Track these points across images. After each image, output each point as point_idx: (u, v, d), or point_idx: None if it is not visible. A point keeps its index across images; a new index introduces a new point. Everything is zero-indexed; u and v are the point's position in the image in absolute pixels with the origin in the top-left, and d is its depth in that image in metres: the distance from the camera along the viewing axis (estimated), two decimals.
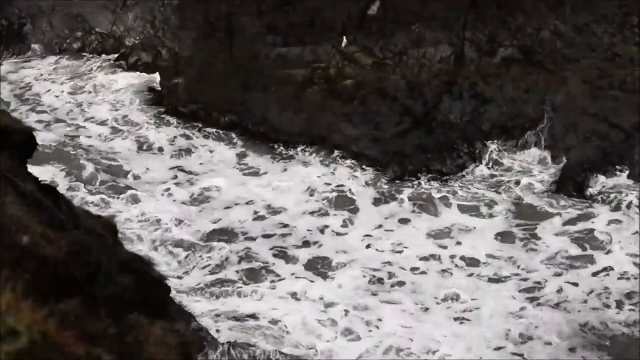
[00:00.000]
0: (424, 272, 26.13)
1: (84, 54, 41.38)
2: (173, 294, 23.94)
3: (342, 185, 30.49)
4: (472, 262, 26.57)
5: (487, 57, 33.76)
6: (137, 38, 41.10)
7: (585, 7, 34.22)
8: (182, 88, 35.96)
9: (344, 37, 34.38)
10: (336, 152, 32.16)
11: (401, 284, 25.65)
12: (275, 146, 33.25)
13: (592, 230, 27.98)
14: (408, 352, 22.69)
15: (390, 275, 25.98)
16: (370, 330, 23.58)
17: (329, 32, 34.74)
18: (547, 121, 32.39)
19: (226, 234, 28.06)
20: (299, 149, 32.77)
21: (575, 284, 25.40)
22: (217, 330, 22.77)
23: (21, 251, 6.63)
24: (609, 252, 26.96)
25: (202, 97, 35.24)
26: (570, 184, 29.96)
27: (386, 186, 30.61)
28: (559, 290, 25.06)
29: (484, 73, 33.40)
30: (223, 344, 21.64)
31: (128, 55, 40.54)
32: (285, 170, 31.78)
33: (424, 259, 26.73)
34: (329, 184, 30.61)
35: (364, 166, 31.45)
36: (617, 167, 30.28)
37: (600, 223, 28.31)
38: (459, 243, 27.54)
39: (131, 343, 7.10)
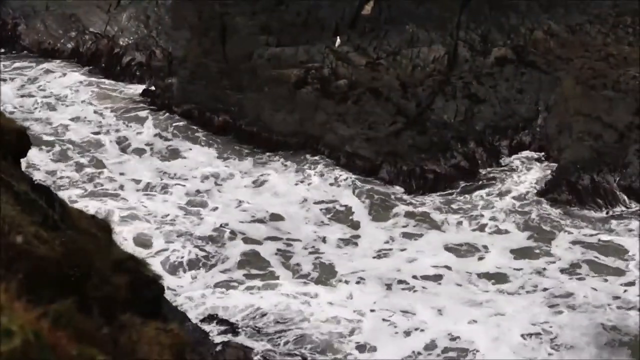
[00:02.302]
0: (442, 281, 26.02)
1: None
2: (175, 293, 24.03)
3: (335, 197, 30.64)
4: (494, 274, 26.33)
5: (481, 57, 33.81)
6: (131, 38, 41.07)
7: (578, 8, 34.28)
8: (176, 88, 35.96)
9: (338, 37, 34.39)
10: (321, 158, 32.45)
11: (419, 291, 25.60)
12: (258, 150, 33.32)
13: (603, 237, 27.95)
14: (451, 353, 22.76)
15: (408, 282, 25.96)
16: (396, 333, 23.55)
17: (322, 32, 34.76)
18: (540, 121, 32.44)
19: (226, 236, 28.08)
20: (283, 154, 32.97)
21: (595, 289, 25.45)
22: (223, 331, 22.76)
23: (15, 251, 6.63)
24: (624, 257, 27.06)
25: (195, 97, 35.24)
26: (565, 184, 29.98)
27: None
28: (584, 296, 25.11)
29: (477, 73, 33.45)
30: (217, 344, 21.62)
31: (122, 56, 40.53)
32: (267, 174, 31.87)
33: (439, 268, 26.55)
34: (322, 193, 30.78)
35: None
36: (611, 167, 30.31)
37: (610, 228, 28.37)
38: (470, 254, 27.37)
39: (125, 343, 7.10)
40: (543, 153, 31.86)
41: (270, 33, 34.84)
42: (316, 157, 32.47)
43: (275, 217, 29.21)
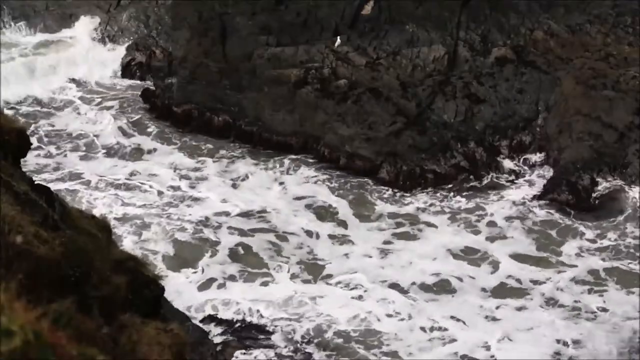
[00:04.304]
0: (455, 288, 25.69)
1: None
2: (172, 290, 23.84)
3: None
4: (505, 283, 25.91)
5: (481, 57, 33.81)
6: (131, 38, 41.05)
7: (578, 8, 34.30)
8: (176, 88, 35.94)
9: (338, 37, 34.38)
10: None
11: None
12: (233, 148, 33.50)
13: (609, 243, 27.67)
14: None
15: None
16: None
17: (322, 32, 34.75)
18: (540, 121, 32.43)
19: (215, 231, 28.00)
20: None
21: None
22: (226, 332, 22.66)
23: (15, 251, 6.63)
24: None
25: (195, 97, 35.22)
26: (565, 184, 29.95)
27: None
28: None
29: (477, 73, 33.44)
30: (217, 344, 21.59)
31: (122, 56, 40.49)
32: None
33: (436, 275, 26.23)
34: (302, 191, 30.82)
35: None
36: (611, 167, 30.29)
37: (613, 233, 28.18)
38: (475, 261, 26.99)
39: (125, 343, 7.10)
40: (543, 153, 31.81)
41: (270, 33, 34.82)
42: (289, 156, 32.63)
43: (262, 211, 29.19)
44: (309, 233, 28.09)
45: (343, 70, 33.46)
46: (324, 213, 29.40)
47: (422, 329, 23.46)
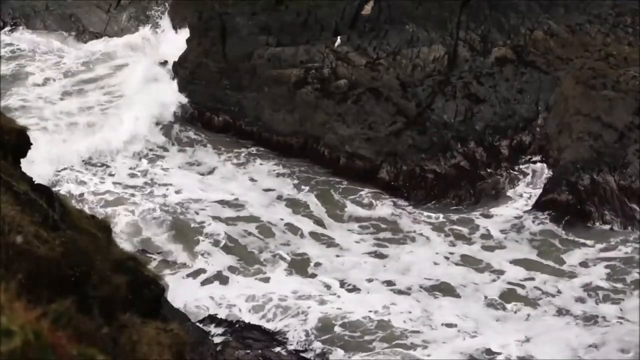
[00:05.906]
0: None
1: None
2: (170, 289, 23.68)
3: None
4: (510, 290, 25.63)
5: (481, 57, 33.80)
6: None
7: (578, 8, 34.31)
8: (176, 88, 35.92)
9: (338, 37, 34.38)
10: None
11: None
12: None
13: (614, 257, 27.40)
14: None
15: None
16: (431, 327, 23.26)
17: (322, 32, 34.75)
18: (540, 121, 32.42)
19: (195, 220, 27.89)
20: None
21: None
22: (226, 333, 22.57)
23: (15, 251, 6.63)
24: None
25: (195, 97, 35.22)
26: (565, 184, 29.94)
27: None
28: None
29: (477, 73, 33.43)
30: (217, 344, 21.57)
31: None
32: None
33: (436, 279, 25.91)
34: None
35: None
36: (611, 167, 30.26)
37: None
38: (477, 269, 26.63)
39: (125, 343, 7.10)
40: (541, 156, 31.74)
41: (270, 33, 34.83)
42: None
43: (240, 203, 29.16)
44: (291, 226, 27.98)
45: (343, 70, 33.46)
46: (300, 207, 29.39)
47: (443, 324, 23.21)
